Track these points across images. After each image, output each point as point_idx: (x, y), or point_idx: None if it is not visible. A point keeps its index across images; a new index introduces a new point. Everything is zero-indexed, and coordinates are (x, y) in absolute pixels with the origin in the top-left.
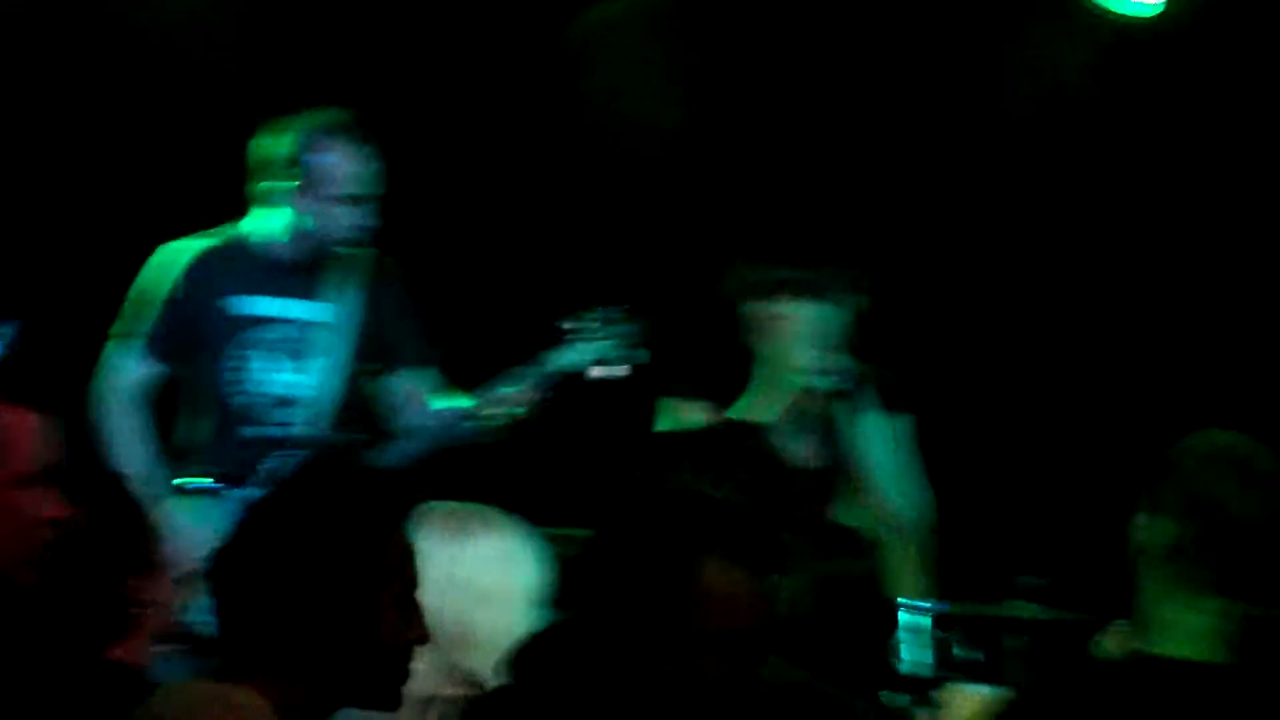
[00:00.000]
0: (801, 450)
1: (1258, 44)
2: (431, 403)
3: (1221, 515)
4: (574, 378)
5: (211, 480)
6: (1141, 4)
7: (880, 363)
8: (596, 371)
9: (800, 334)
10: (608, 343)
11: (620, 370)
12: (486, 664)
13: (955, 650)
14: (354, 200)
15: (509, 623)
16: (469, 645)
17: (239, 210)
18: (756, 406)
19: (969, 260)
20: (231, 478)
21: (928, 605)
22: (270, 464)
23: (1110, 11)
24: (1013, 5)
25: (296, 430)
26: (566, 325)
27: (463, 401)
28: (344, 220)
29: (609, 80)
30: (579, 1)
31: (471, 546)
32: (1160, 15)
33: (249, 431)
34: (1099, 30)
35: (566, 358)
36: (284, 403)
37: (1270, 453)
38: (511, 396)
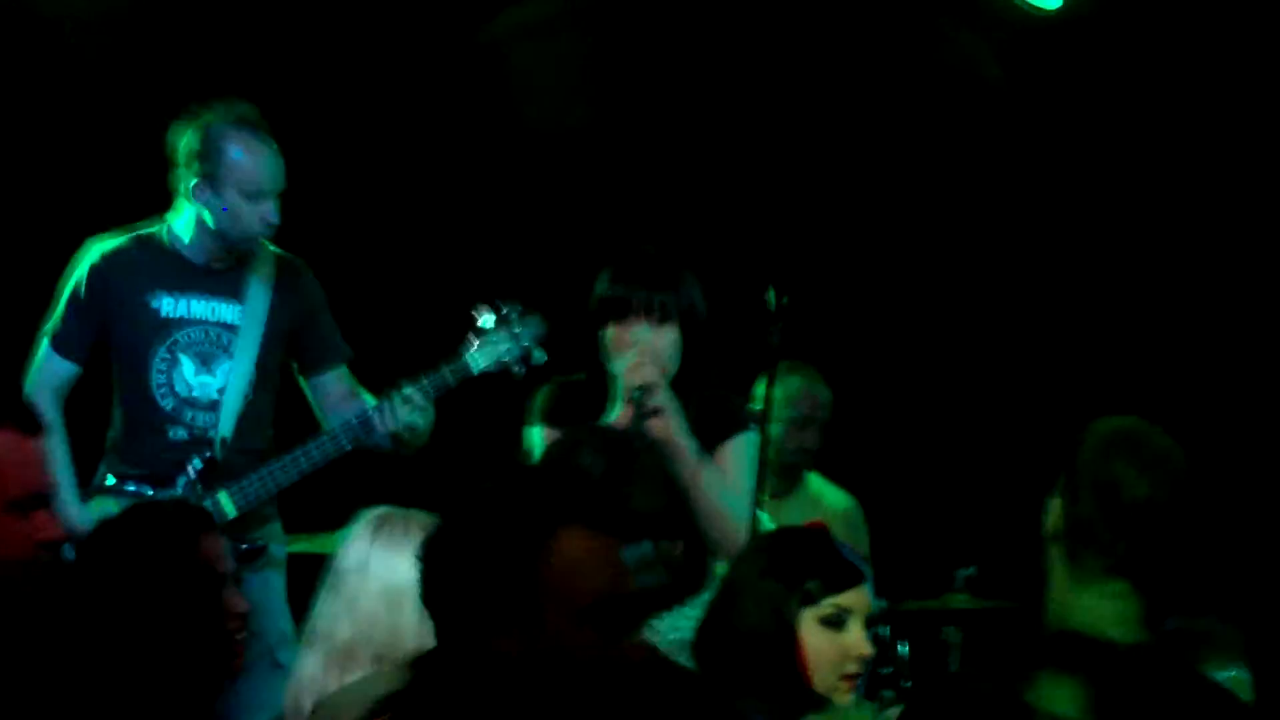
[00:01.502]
0: None
1: (1155, 39)
2: (360, 399)
3: (1120, 498)
4: (472, 377)
5: (135, 481)
6: None
7: (811, 361)
8: (494, 368)
9: (622, 354)
10: (514, 344)
11: (518, 369)
12: None
13: (901, 648)
14: (256, 196)
15: None
16: (405, 655)
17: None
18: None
19: (898, 260)
20: (156, 478)
21: None
22: (192, 465)
23: (1016, 5)
24: (924, 2)
25: (215, 432)
26: (476, 323)
27: (375, 408)
28: (247, 216)
29: (523, 81)
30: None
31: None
32: (1061, 10)
33: (174, 433)
34: (1007, 25)
35: (475, 360)
36: (205, 405)
37: (1164, 435)
38: (418, 399)
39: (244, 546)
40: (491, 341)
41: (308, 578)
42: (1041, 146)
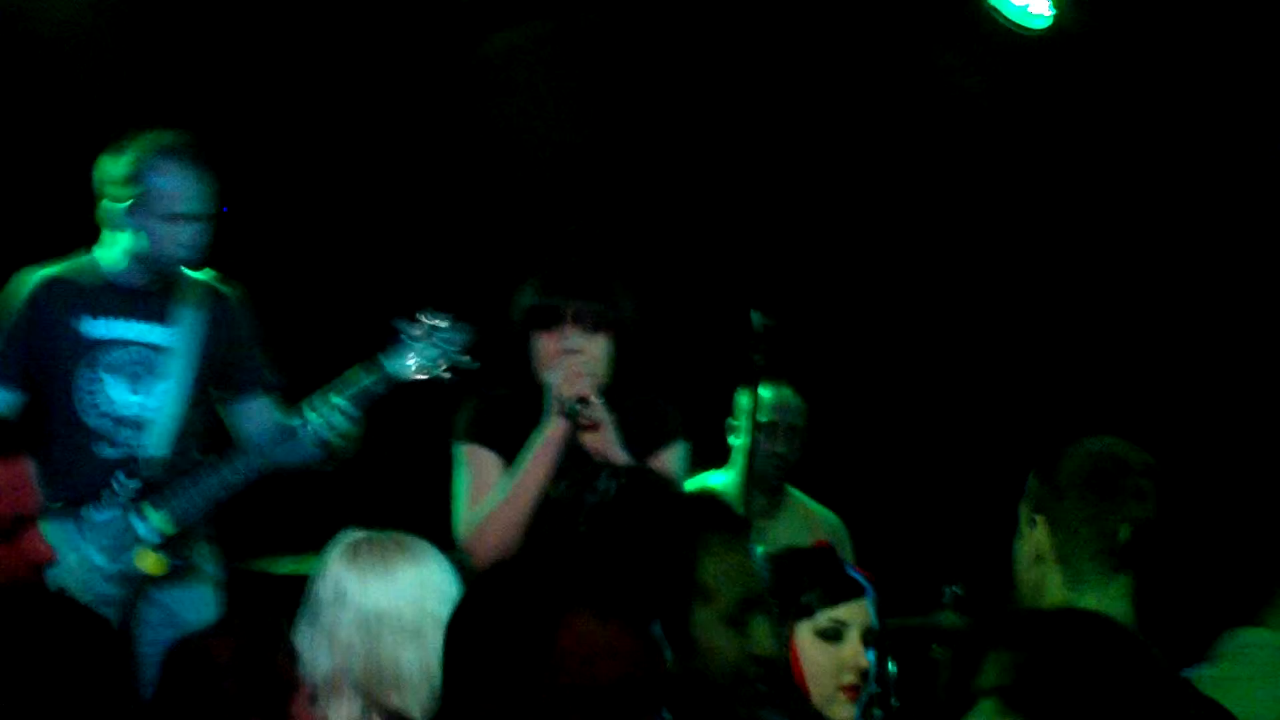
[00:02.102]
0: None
1: (1141, 57)
2: (276, 424)
3: (1112, 495)
4: (401, 383)
5: (65, 501)
6: (1031, 15)
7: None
8: (420, 374)
9: (554, 364)
10: (440, 352)
11: (448, 376)
12: (412, 701)
13: (890, 666)
14: (185, 220)
15: (432, 658)
16: (392, 682)
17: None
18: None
19: (885, 281)
20: (85, 497)
21: None
22: (121, 484)
23: (1005, 23)
24: (915, 19)
25: (144, 451)
26: (399, 328)
27: (298, 419)
28: (176, 240)
29: (510, 98)
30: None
31: (392, 580)
32: (1049, 28)
33: (102, 452)
34: (995, 45)
35: (396, 364)
36: (133, 423)
37: (1139, 450)
38: (342, 408)
39: (175, 563)
40: (417, 349)
41: (297, 600)
42: (1025, 166)
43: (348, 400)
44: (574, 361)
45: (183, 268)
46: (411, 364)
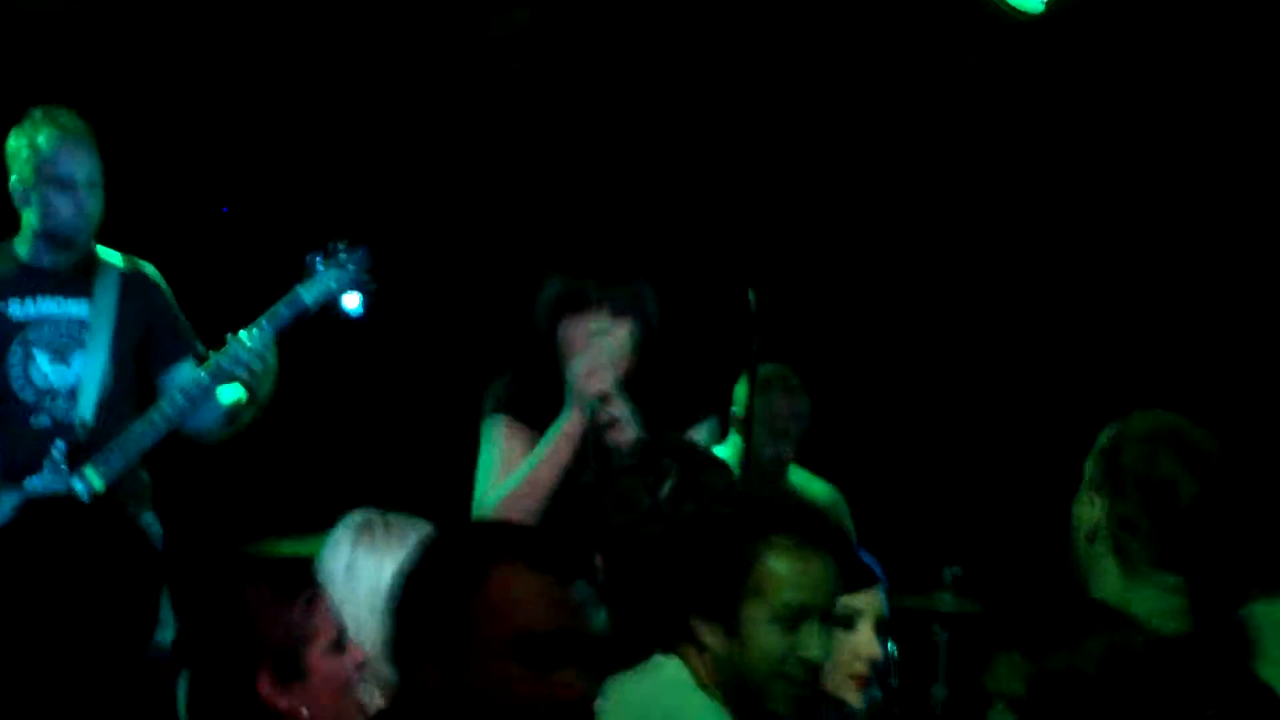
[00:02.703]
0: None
1: (1137, 42)
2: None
3: (1173, 497)
4: (312, 309)
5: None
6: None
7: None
8: (328, 298)
9: (576, 350)
10: (342, 273)
11: (351, 304)
12: None
13: (890, 646)
14: (68, 186)
15: None
16: None
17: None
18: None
19: (883, 258)
20: (22, 467)
21: None
22: (55, 449)
23: (1000, 5)
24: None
25: (76, 417)
26: (309, 260)
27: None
28: (61, 207)
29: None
30: None
31: (402, 557)
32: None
33: (36, 423)
34: (991, 27)
35: (305, 292)
36: (62, 394)
37: (1199, 428)
38: (257, 349)
39: None
40: (321, 276)
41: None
42: (1022, 147)
43: (257, 330)
44: (597, 351)
45: (90, 243)
46: (318, 289)
